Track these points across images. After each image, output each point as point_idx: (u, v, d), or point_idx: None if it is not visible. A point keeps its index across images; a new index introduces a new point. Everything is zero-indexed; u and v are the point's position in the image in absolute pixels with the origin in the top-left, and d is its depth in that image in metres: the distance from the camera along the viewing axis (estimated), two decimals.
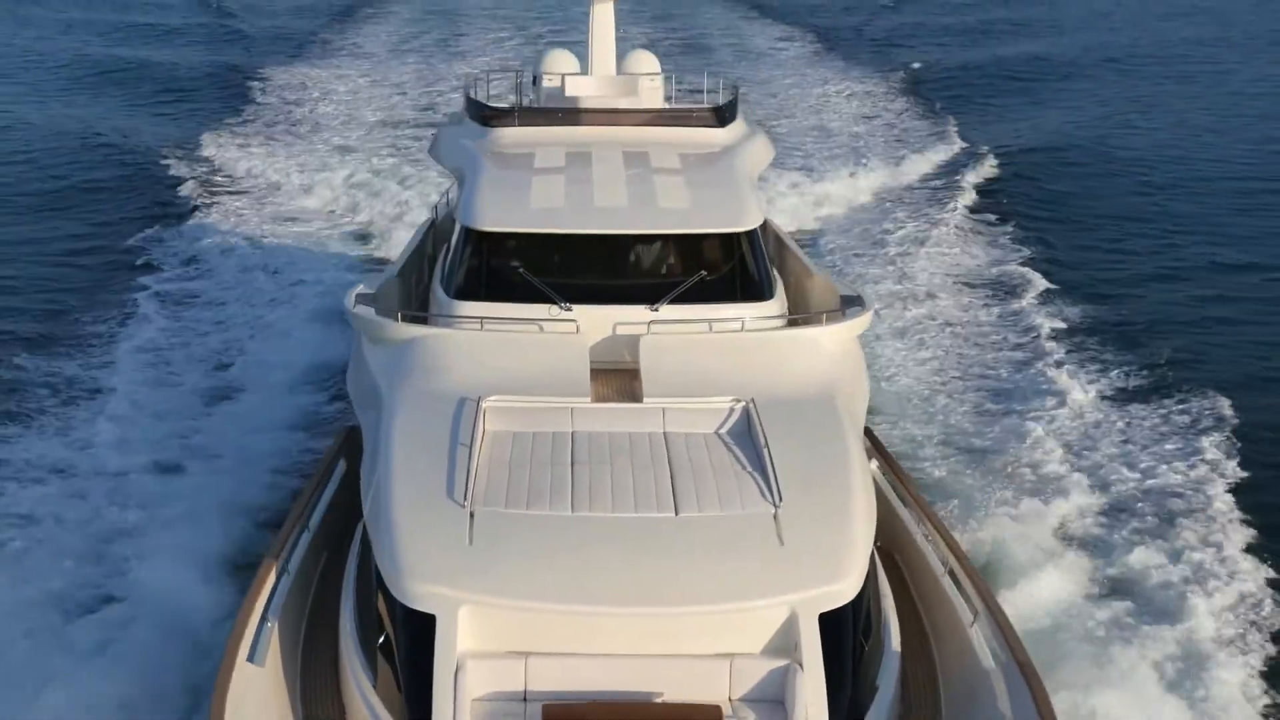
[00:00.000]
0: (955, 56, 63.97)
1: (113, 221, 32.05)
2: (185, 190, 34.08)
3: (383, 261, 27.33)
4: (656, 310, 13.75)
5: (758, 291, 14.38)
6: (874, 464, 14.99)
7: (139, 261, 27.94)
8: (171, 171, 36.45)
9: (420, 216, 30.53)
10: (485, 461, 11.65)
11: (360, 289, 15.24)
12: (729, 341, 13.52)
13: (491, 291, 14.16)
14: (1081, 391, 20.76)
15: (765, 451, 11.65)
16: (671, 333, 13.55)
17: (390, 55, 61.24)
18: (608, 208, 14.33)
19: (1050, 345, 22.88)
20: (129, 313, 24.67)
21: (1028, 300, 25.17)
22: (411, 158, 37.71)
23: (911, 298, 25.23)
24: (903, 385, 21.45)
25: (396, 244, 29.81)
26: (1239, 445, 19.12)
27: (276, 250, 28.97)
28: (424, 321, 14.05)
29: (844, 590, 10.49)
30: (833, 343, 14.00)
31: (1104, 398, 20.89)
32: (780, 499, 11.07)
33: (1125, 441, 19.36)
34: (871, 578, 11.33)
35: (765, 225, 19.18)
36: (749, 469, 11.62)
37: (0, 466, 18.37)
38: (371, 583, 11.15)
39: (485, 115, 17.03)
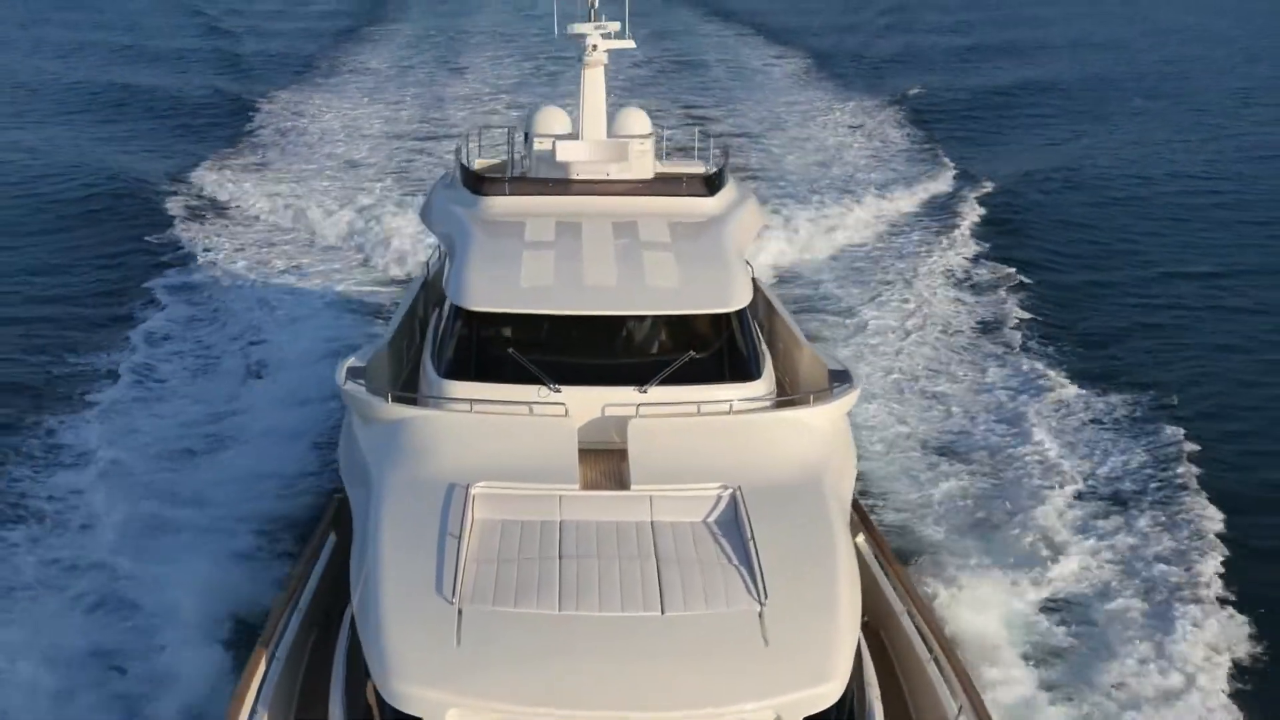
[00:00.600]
0: (952, 81, 64.31)
1: (102, 261, 32.14)
2: (181, 228, 34.19)
3: (378, 307, 27.44)
4: (645, 392, 13.83)
5: (746, 371, 14.47)
6: (860, 537, 15.09)
7: (128, 309, 27.72)
8: (168, 205, 36.65)
9: (419, 236, 30.90)
10: (474, 554, 11.72)
11: (351, 361, 15.29)
12: (717, 425, 13.59)
13: (481, 371, 14.24)
14: (1070, 452, 20.69)
15: (751, 545, 11.72)
16: (660, 415, 13.62)
17: (391, 78, 61.44)
18: (597, 286, 14.39)
19: (1039, 403, 22.64)
20: (115, 362, 24.54)
21: (1020, 354, 25.04)
22: (410, 185, 37.99)
23: (898, 349, 25.14)
24: (888, 435, 21.45)
25: (393, 268, 30.07)
26: (1241, 531, 18.70)
27: (272, 290, 29.05)
28: (414, 402, 14.11)
29: (829, 692, 10.56)
30: (821, 422, 14.06)
31: (1094, 467, 20.59)
32: (765, 595, 11.13)
33: (1117, 523, 18.96)
34: (856, 668, 11.42)
35: (755, 289, 19.38)
36: (735, 563, 11.69)
37: None
38: (361, 671, 11.23)
39: (476, 183, 17.10)
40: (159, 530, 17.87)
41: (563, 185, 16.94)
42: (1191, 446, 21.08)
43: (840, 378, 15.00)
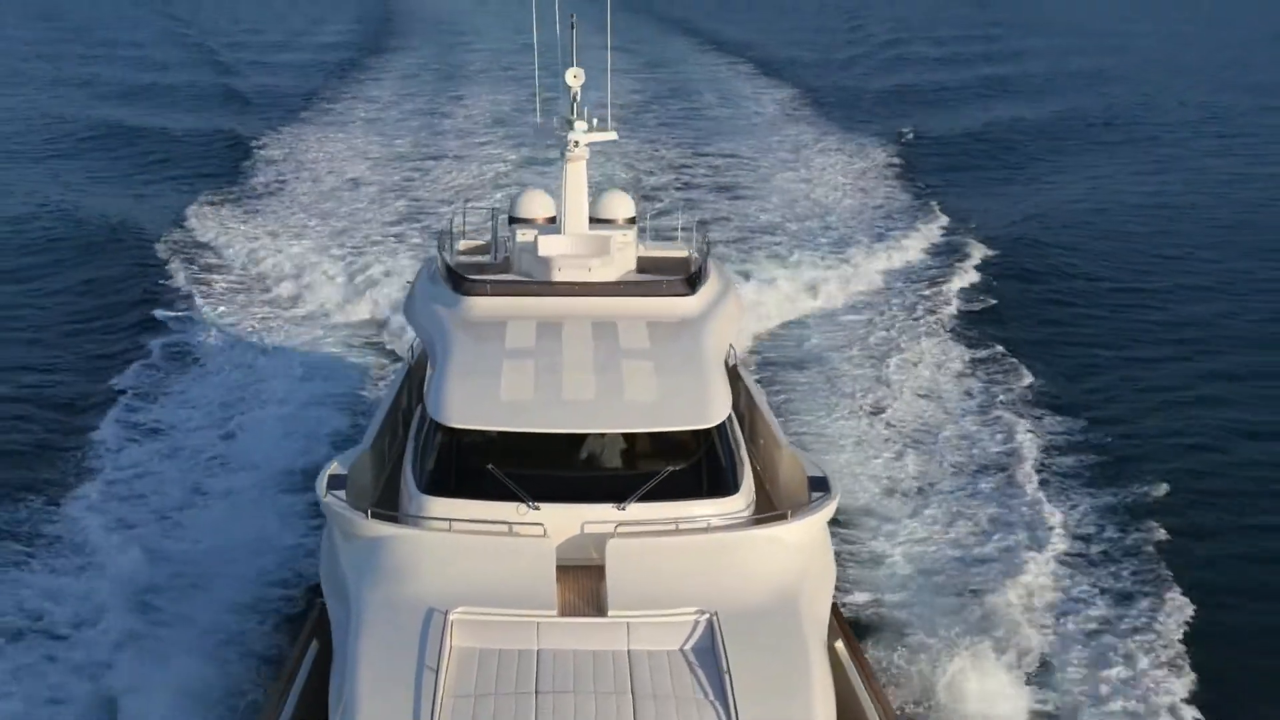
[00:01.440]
0: (944, 119, 64.55)
1: (89, 314, 32.18)
2: (172, 283, 34.06)
3: (365, 371, 27.47)
4: (623, 509, 13.91)
5: (724, 485, 14.55)
6: (839, 642, 15.17)
7: (116, 378, 27.45)
8: (160, 256, 36.61)
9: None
10: (451, 688, 11.78)
11: (333, 467, 15.36)
12: (694, 546, 13.66)
13: (460, 486, 14.33)
14: (1064, 540, 20.59)
15: (727, 677, 11.80)
16: (638, 534, 13.69)
17: (388, 111, 61.56)
18: (576, 401, 14.47)
19: (1031, 479, 22.46)
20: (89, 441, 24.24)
21: (1010, 422, 24.90)
22: (401, 231, 38.13)
23: (884, 418, 25.11)
24: (867, 503, 21.49)
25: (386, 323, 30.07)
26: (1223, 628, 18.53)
27: (259, 353, 28.97)
28: (393, 519, 14.17)
29: None
30: (799, 538, 14.14)
31: (1085, 552, 20.43)
32: None
33: (1098, 623, 18.60)
34: None
35: (736, 377, 19.46)
36: (710, 696, 11.76)
37: None
38: None
39: (458, 282, 17.19)
40: (130, 628, 17.82)
41: (543, 287, 17.02)
42: (1170, 507, 21.31)
43: (819, 485, 15.07)
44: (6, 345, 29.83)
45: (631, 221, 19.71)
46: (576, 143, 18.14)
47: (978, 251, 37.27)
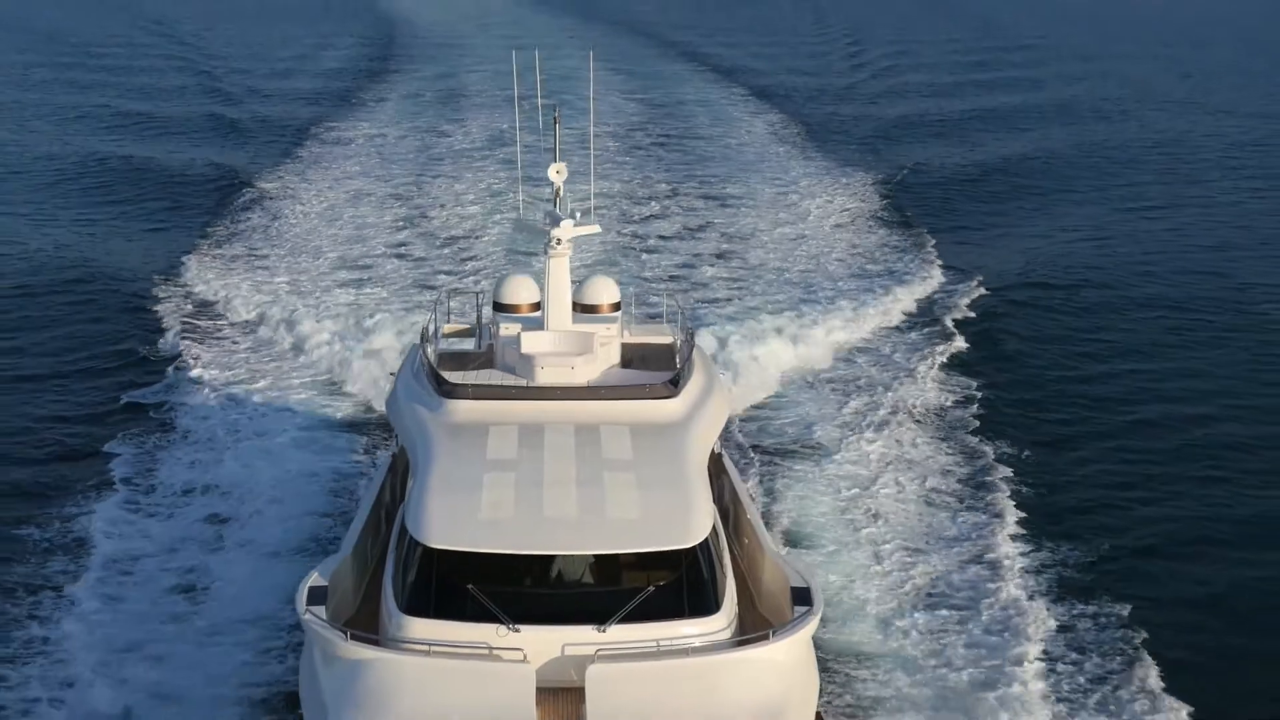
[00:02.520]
0: (943, 156, 64.44)
1: (80, 367, 32.03)
2: (165, 338, 33.80)
3: (355, 441, 27.36)
4: (604, 631, 13.87)
5: (705, 606, 14.51)
6: None
7: (95, 441, 27.15)
8: (152, 307, 36.43)
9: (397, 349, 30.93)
10: None
11: (313, 578, 15.34)
12: (676, 670, 13.62)
13: (440, 607, 14.30)
14: (1048, 625, 20.42)
15: None
16: (619, 656, 13.65)
17: (386, 153, 61.46)
18: (557, 520, 14.43)
19: (1018, 569, 22.11)
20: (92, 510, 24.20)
21: (999, 506, 24.49)
22: (393, 290, 38.00)
23: (869, 503, 24.61)
24: (853, 592, 21.31)
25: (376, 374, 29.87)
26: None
27: (249, 416, 28.79)
28: (373, 641, 14.11)
29: None
30: (781, 656, 14.10)
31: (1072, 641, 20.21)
32: None
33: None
34: None
35: (721, 469, 19.41)
36: None
37: None
38: None
39: (440, 383, 17.15)
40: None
41: (525, 390, 16.98)
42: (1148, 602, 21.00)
43: (802, 598, 15.01)
44: None
45: (616, 308, 19.80)
46: (559, 240, 18.16)
47: (969, 308, 36.96)
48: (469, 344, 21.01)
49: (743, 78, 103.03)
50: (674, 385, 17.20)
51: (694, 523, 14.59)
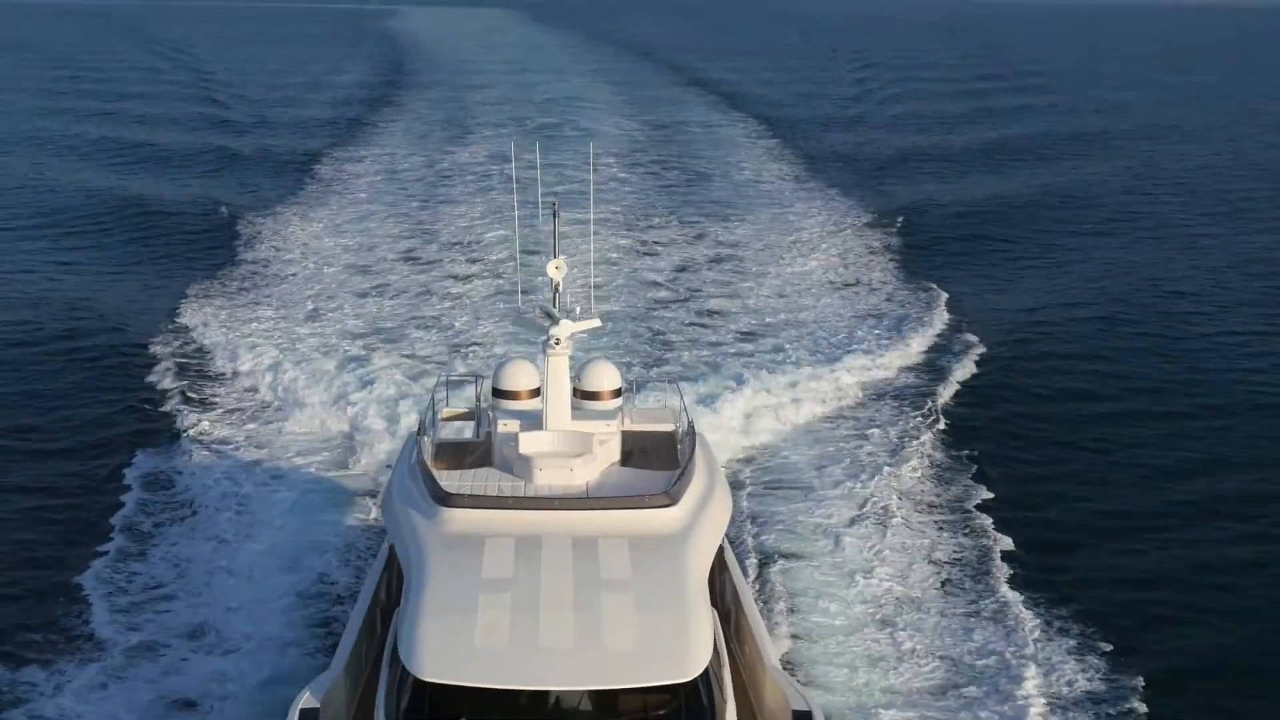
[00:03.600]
0: (946, 193, 64.19)
1: (74, 422, 31.63)
2: (160, 393, 33.39)
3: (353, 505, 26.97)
4: None
5: None
6: None
7: (97, 517, 26.49)
8: (149, 356, 35.94)
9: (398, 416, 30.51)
10: None
11: (305, 699, 14.99)
12: None
13: None
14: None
15: None
16: None
17: (392, 183, 61.16)
18: (553, 650, 14.05)
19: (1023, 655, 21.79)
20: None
21: (999, 573, 24.04)
22: (397, 348, 37.51)
23: (871, 576, 24.05)
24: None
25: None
26: None
27: (247, 481, 28.29)
28: None
29: None
30: None
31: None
32: None
33: None
34: None
35: (722, 568, 19.04)
36: None
37: None
38: None
39: (436, 490, 16.81)
40: None
41: (522, 500, 16.64)
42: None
43: None
44: None
45: (617, 394, 19.46)
46: (558, 340, 17.85)
47: (970, 359, 36.48)
48: (468, 429, 20.65)
49: (748, 105, 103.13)
50: (674, 492, 16.82)
51: (692, 655, 14.19)
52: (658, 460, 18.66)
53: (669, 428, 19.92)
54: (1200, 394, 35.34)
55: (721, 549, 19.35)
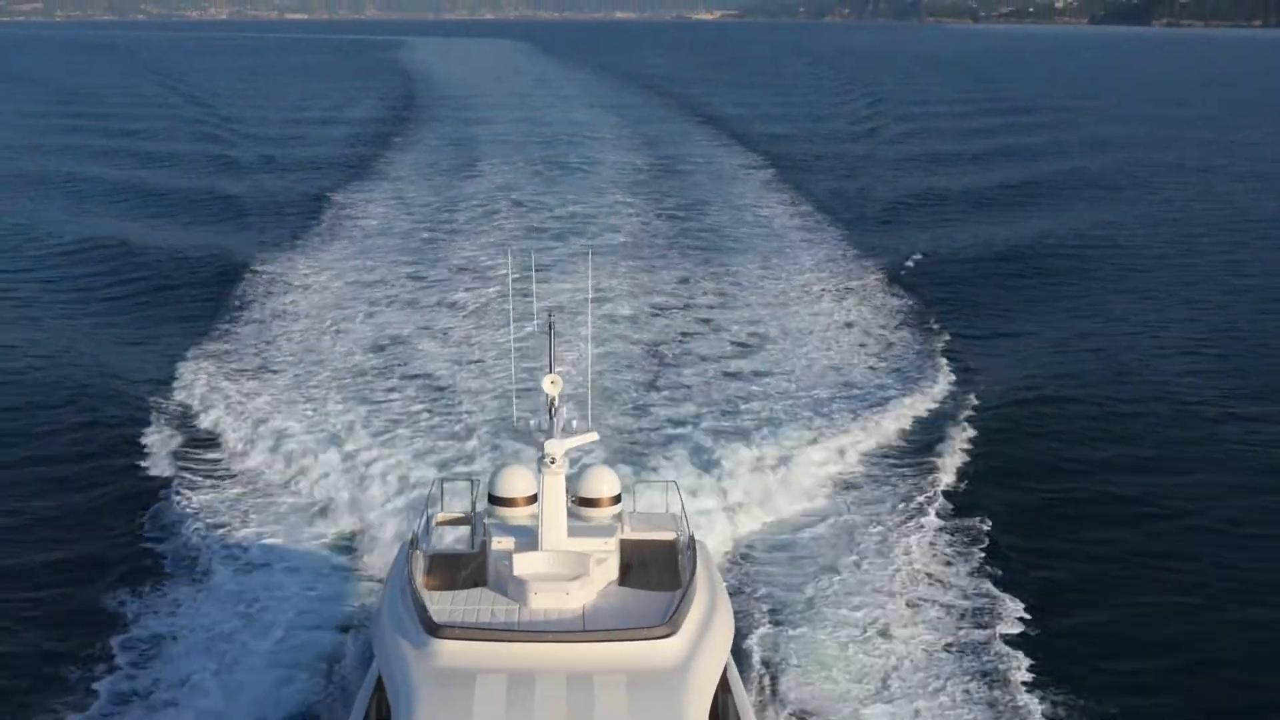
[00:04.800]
0: (958, 238, 63.41)
1: (65, 517, 30.42)
2: (158, 464, 32.63)
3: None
4: None
5: None
6: None
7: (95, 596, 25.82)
8: (147, 426, 35.20)
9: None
10: None
11: None
12: None
13: None
14: None
15: None
16: None
17: (398, 227, 60.35)
18: None
19: None
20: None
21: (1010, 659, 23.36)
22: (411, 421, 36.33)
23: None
24: None
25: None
26: None
27: (253, 568, 27.38)
28: None
29: None
30: None
31: None
32: None
33: None
34: None
35: (725, 688, 18.23)
36: None
37: None
38: None
39: (426, 619, 16.08)
40: None
41: (515, 634, 15.91)
42: None
43: None
44: None
45: (616, 500, 18.96)
46: (553, 459, 17.20)
47: (976, 421, 35.46)
48: (463, 534, 19.94)
49: (758, 144, 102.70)
50: (675, 619, 16.07)
51: None
52: (658, 576, 18.00)
53: (669, 536, 19.29)
54: (1224, 459, 34.35)
55: (725, 667, 18.58)
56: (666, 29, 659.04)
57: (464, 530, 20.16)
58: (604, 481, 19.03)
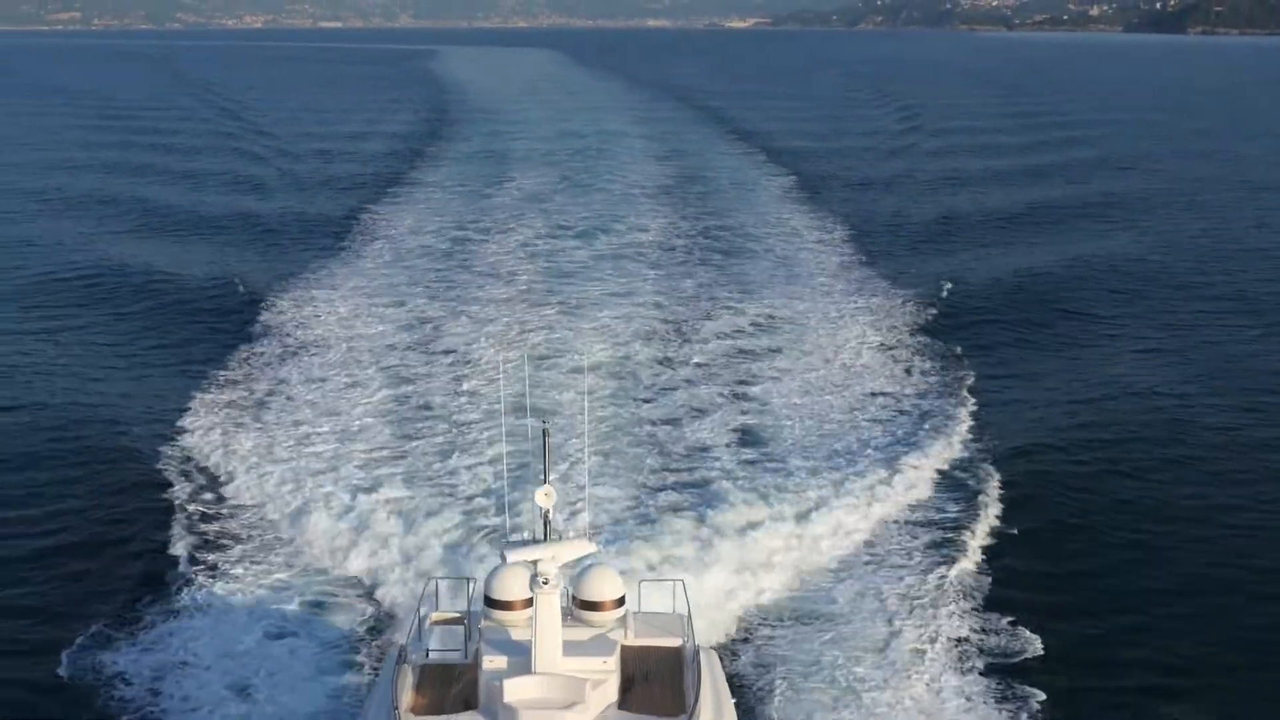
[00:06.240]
0: (990, 270, 61.55)
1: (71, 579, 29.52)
2: (170, 532, 31.11)
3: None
4: None
5: None
6: None
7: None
8: (159, 481, 33.95)
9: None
10: None
11: None
12: None
13: None
14: None
15: None
16: None
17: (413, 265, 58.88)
18: None
19: None
20: None
21: None
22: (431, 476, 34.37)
23: None
24: None
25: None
26: None
27: (263, 636, 26.20)
28: None
29: None
30: None
31: None
32: None
33: None
34: None
35: None
36: None
37: None
38: None
39: None
40: None
41: None
42: None
43: None
44: None
45: (620, 603, 17.76)
46: (546, 579, 15.93)
47: (1006, 471, 34.01)
48: (457, 640, 18.54)
49: (786, 160, 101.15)
50: None
51: None
52: (661, 695, 16.82)
53: (675, 643, 18.05)
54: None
55: None
56: (698, 37, 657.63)
57: (459, 629, 18.90)
58: (606, 583, 17.94)
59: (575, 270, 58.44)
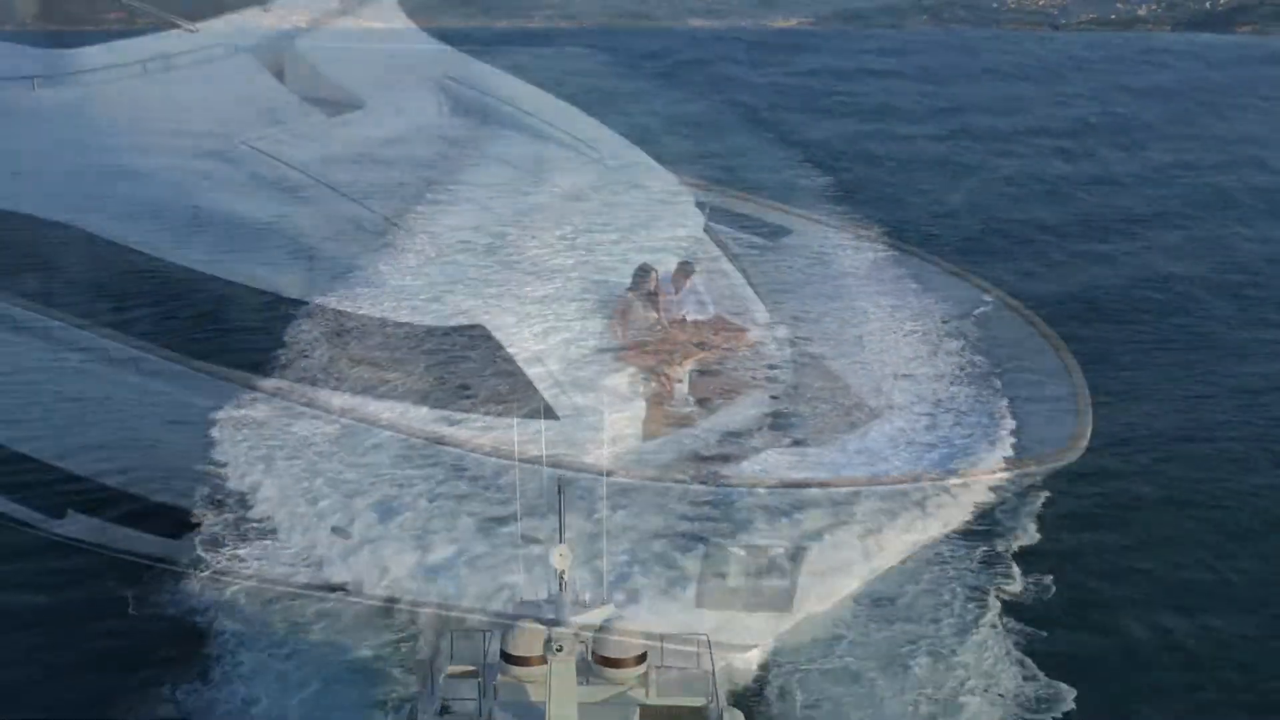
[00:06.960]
0: (1034, 281, 60.15)
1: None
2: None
3: None
4: None
5: None
6: None
7: None
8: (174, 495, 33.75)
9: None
10: None
11: None
12: None
13: None
14: None
15: None
16: None
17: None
18: None
19: None
20: None
21: None
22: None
23: None
24: None
25: None
26: None
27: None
28: None
29: None
30: None
31: None
32: None
33: None
34: None
35: None
36: None
37: None
38: None
39: None
40: None
41: None
42: None
43: None
44: None
45: (641, 659, 17.08)
46: (560, 647, 15.29)
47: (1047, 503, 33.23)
48: (472, 694, 18.00)
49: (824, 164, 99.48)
50: None
51: None
52: None
53: (699, 702, 17.31)
54: None
55: None
56: (742, 36, 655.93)
57: (474, 683, 18.38)
58: (626, 640, 17.38)
59: None
